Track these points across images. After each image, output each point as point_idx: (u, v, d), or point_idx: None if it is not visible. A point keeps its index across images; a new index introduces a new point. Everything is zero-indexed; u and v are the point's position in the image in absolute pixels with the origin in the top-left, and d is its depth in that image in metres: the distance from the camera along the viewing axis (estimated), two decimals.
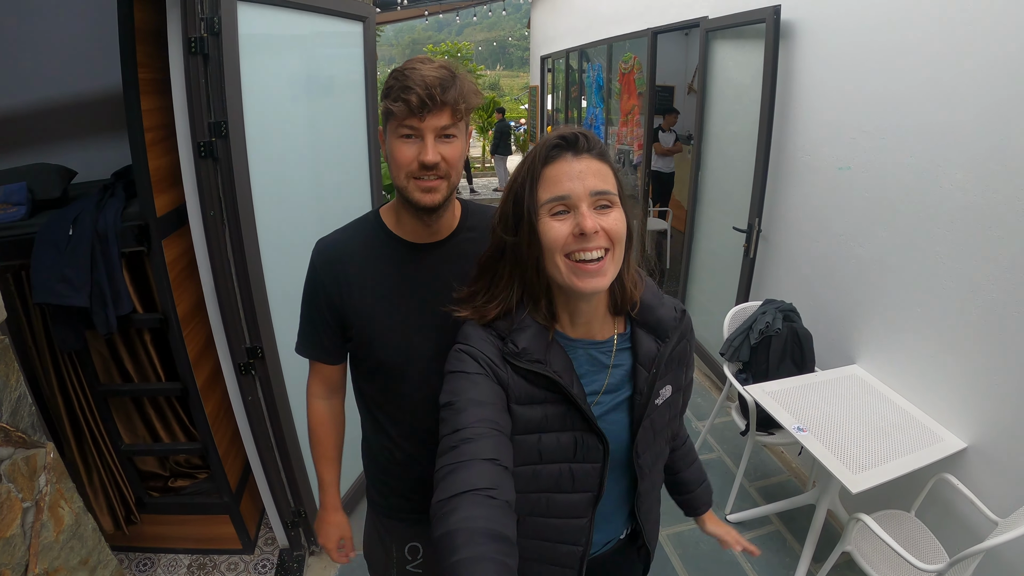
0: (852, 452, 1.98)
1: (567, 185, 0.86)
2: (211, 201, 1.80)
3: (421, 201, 1.05)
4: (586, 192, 0.86)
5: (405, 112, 0.98)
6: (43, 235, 1.82)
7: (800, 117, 2.86)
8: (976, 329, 2.00)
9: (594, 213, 0.86)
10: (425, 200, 1.04)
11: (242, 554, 2.48)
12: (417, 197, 1.04)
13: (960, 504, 2.03)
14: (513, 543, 0.74)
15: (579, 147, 0.88)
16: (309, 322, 1.21)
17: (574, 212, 0.86)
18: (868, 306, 2.49)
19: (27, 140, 2.40)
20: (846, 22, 2.51)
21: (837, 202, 2.63)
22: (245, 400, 2.09)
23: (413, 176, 1.03)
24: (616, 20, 5.48)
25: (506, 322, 0.95)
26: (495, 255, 0.98)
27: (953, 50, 2.01)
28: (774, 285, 3.15)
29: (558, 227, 0.86)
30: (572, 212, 0.87)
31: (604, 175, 0.88)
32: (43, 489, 1.12)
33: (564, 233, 0.86)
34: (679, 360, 1.05)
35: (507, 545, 0.73)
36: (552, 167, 0.88)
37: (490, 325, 0.96)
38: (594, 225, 0.85)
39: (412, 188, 1.04)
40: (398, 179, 1.05)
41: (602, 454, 0.97)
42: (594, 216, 0.86)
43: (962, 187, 2.01)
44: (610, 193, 0.87)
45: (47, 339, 2.03)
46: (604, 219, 0.87)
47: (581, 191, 0.85)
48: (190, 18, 1.59)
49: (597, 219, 0.86)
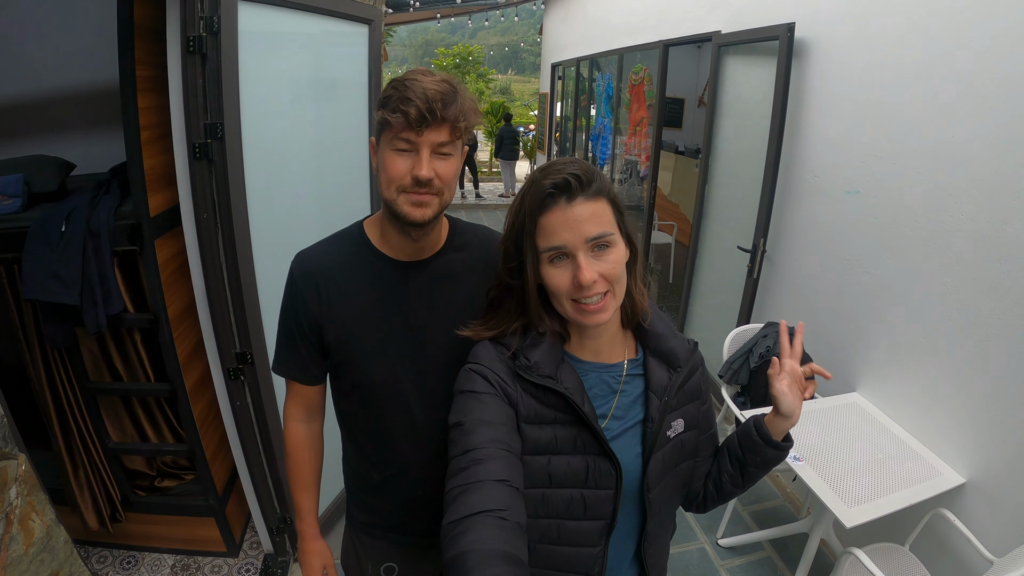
0: (848, 484, 1.94)
1: (563, 235, 0.87)
2: (204, 203, 1.77)
3: (410, 215, 1.00)
4: (582, 240, 0.87)
5: (403, 124, 0.94)
6: (36, 230, 1.80)
7: (809, 137, 2.82)
8: (980, 363, 1.95)
9: (592, 258, 0.88)
10: (415, 215, 1.00)
11: (226, 557, 2.45)
12: (406, 211, 0.99)
13: (956, 540, 1.98)
14: (525, 565, 0.73)
15: (572, 191, 0.87)
16: (287, 338, 1.16)
17: (571, 260, 0.88)
18: (871, 333, 2.45)
19: (28, 131, 2.39)
20: (860, 43, 2.48)
21: (844, 226, 2.59)
22: (233, 405, 2.06)
23: (404, 190, 0.99)
24: (628, 31, 5.46)
25: (518, 338, 0.96)
26: (502, 291, 0.98)
27: (967, 77, 1.97)
28: (777, 308, 3.11)
29: (559, 275, 0.89)
30: (570, 259, 0.88)
31: (599, 216, 0.88)
32: (14, 502, 1.09)
33: (566, 282, 0.89)
34: (692, 395, 1.03)
35: (519, 567, 0.72)
36: (547, 216, 0.88)
37: (501, 342, 0.97)
38: (591, 276, 0.86)
39: (402, 201, 0.99)
40: (387, 192, 1.00)
41: (615, 480, 0.94)
42: (591, 263, 0.87)
43: (972, 217, 1.97)
44: (606, 235, 0.88)
45: (37, 333, 2.01)
46: (602, 264, 0.88)
47: (577, 240, 0.87)
48: (189, 16, 1.56)
49: (595, 265, 0.87)
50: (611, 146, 6.54)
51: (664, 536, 1.09)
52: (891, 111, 2.31)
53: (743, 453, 1.06)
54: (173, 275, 2.00)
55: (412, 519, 1.24)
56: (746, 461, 1.06)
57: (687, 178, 6.53)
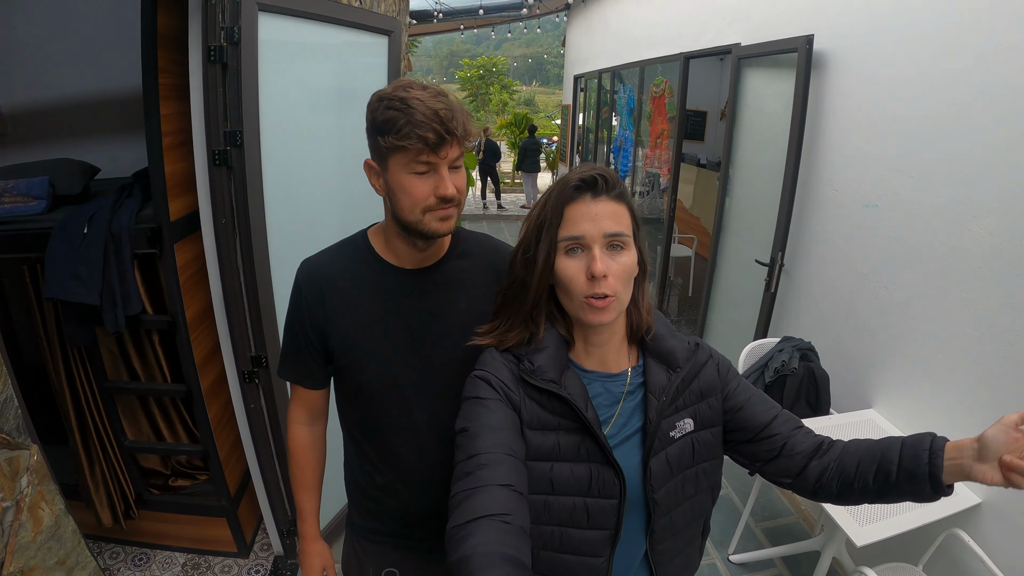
0: None
1: (583, 226, 0.91)
2: (223, 209, 1.81)
3: (439, 230, 1.03)
4: (600, 234, 0.90)
5: (420, 148, 0.95)
6: (59, 231, 1.85)
7: (828, 150, 2.79)
8: (998, 380, 1.91)
9: (606, 254, 0.91)
10: (443, 228, 1.03)
11: (237, 558, 2.48)
12: (435, 227, 1.02)
13: (970, 561, 1.93)
14: (528, 568, 0.74)
15: (598, 189, 0.92)
16: (292, 344, 1.18)
17: (587, 252, 0.91)
18: (888, 349, 2.40)
19: (56, 135, 2.47)
20: (879, 55, 2.45)
21: (862, 240, 2.56)
22: (247, 407, 2.09)
23: (429, 209, 1.00)
24: (650, 43, 5.46)
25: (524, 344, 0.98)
26: (514, 286, 1.00)
27: (987, 89, 1.94)
28: (794, 322, 3.07)
29: (573, 266, 0.92)
30: (585, 252, 0.91)
31: (619, 217, 0.92)
32: (24, 490, 1.12)
33: (579, 273, 0.91)
34: (702, 393, 1.02)
35: (522, 570, 0.73)
36: (572, 207, 0.92)
37: (507, 349, 0.99)
38: (603, 269, 0.89)
39: (428, 220, 1.01)
40: (412, 214, 1.01)
41: (619, 489, 0.94)
42: (605, 258, 0.90)
43: (992, 232, 1.93)
44: (623, 235, 0.92)
45: (58, 332, 2.07)
46: (614, 262, 0.91)
47: (595, 233, 0.90)
48: (210, 27, 1.61)
49: (608, 261, 0.90)
50: (632, 158, 6.53)
51: (677, 539, 1.03)
52: (910, 124, 2.28)
53: (896, 469, 0.94)
54: (191, 278, 2.04)
55: (413, 524, 1.24)
56: (895, 479, 0.94)
57: (708, 191, 6.48)
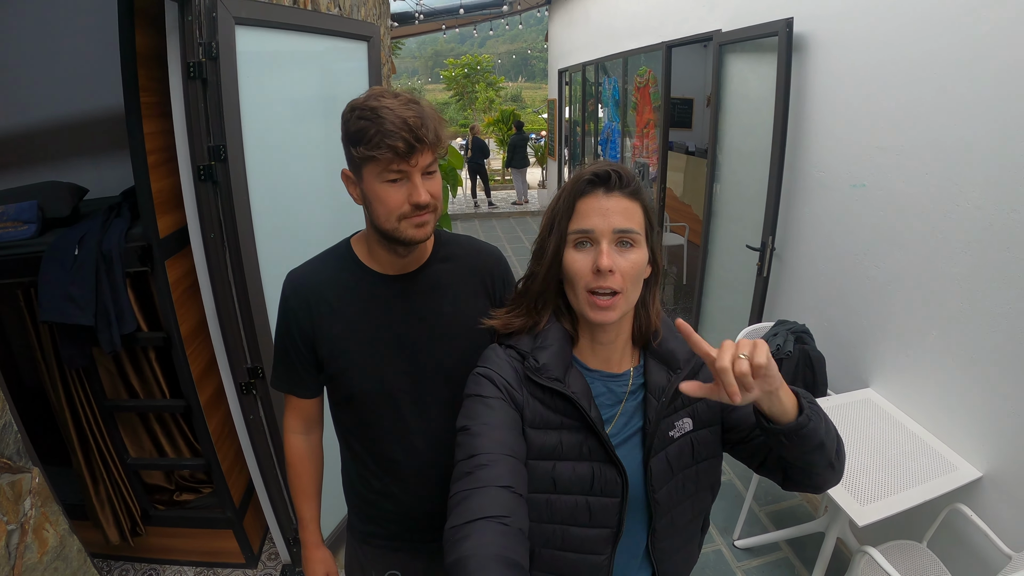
0: (861, 481, 1.92)
1: (593, 220, 0.90)
2: (211, 224, 1.81)
3: (415, 237, 1.04)
4: (609, 229, 0.90)
5: (391, 158, 0.96)
6: (50, 254, 1.86)
7: (814, 132, 2.80)
8: (994, 354, 1.92)
9: (614, 251, 0.90)
10: (419, 235, 1.04)
11: (245, 568, 2.49)
12: (411, 234, 1.03)
13: (974, 536, 1.95)
14: (525, 570, 0.75)
15: (611, 184, 0.92)
16: (283, 354, 1.19)
17: (595, 246, 0.90)
18: (883, 328, 2.42)
19: (43, 157, 2.46)
20: (860, 35, 2.46)
21: (851, 221, 2.57)
22: (247, 419, 2.10)
23: (405, 216, 1.01)
24: (632, 34, 5.46)
25: (529, 339, 0.98)
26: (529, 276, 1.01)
27: (969, 65, 1.95)
28: (787, 305, 3.08)
29: (580, 260, 0.91)
30: (594, 246, 0.91)
31: (631, 213, 0.91)
32: (28, 512, 1.13)
33: (585, 267, 0.91)
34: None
35: (519, 572, 0.73)
36: (583, 201, 0.92)
37: (511, 345, 0.99)
38: (609, 263, 0.88)
39: (404, 227, 1.02)
40: (387, 223, 1.02)
41: (621, 488, 0.94)
42: (613, 254, 0.89)
43: (979, 206, 1.95)
44: (633, 232, 0.91)
45: (55, 355, 2.07)
46: (622, 259, 0.90)
47: (604, 228, 0.90)
48: (188, 43, 1.62)
49: (616, 258, 0.90)
50: (620, 149, 6.54)
51: (678, 537, 1.05)
52: (893, 102, 2.29)
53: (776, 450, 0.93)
54: (184, 294, 2.05)
55: (410, 526, 1.26)
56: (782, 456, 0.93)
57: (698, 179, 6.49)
